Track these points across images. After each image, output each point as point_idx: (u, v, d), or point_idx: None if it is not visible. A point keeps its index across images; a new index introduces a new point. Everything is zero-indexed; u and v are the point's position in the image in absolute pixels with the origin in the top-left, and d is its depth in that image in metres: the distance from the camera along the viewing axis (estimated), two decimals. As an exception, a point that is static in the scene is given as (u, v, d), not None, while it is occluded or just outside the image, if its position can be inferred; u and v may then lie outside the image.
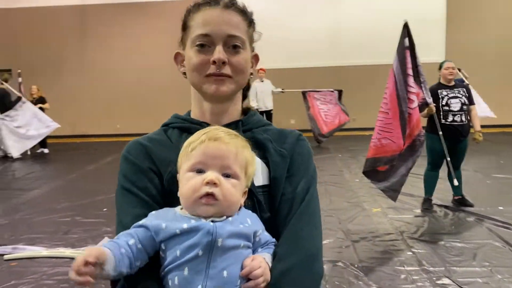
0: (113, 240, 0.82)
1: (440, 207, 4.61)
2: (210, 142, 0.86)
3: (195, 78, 0.98)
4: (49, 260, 3.47)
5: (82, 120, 12.24)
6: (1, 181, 6.77)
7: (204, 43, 0.95)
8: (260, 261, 0.84)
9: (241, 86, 1.01)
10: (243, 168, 0.88)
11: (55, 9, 11.79)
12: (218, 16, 0.95)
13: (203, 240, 0.79)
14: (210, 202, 0.83)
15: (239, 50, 0.97)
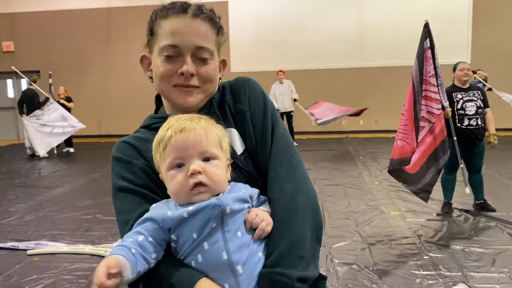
0: (121, 244, 0.82)
1: (460, 211, 4.53)
2: (177, 135, 0.87)
3: (163, 87, 0.98)
4: (69, 256, 3.58)
5: (107, 120, 12.51)
6: (28, 179, 7.00)
7: (172, 54, 0.94)
8: (254, 212, 0.89)
9: (210, 94, 1.01)
10: (218, 146, 0.90)
11: (82, 12, 12.09)
12: (187, 26, 0.94)
13: (214, 213, 0.84)
14: (201, 190, 0.86)
15: (207, 61, 0.96)
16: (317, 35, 11.47)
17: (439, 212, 4.49)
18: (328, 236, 3.83)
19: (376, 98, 11.54)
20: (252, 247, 0.86)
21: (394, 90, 11.38)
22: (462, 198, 4.82)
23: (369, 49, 11.51)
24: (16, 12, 12.33)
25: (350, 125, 11.71)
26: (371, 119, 11.67)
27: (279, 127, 1.02)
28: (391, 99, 11.43)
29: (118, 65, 12.26)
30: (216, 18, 0.99)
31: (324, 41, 11.50)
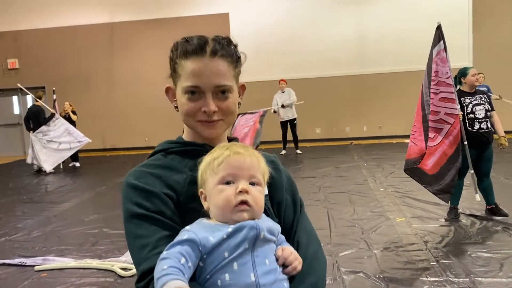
0: (173, 265, 0.82)
1: (466, 216, 4.51)
2: (235, 155, 0.95)
3: (188, 122, 1.07)
4: (77, 271, 3.60)
5: (112, 134, 12.58)
6: (35, 194, 7.04)
7: (194, 91, 1.02)
8: (290, 250, 0.97)
9: (231, 123, 1.11)
10: (263, 176, 0.98)
11: (85, 27, 12.23)
12: (206, 67, 1.00)
13: (249, 234, 0.89)
14: (245, 208, 0.92)
15: (228, 95, 1.04)
16: (317, 43, 11.52)
17: (446, 218, 4.48)
18: (334, 245, 3.83)
19: (379, 104, 11.55)
20: (278, 276, 0.92)
21: (396, 95, 11.39)
22: (468, 203, 4.80)
23: (370, 56, 11.54)
24: (20, 30, 12.50)
25: (354, 132, 11.72)
26: (375, 125, 11.68)
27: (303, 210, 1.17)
28: (394, 105, 11.43)
29: (122, 79, 12.36)
30: (232, 50, 1.05)
31: (324, 49, 11.54)
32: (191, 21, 11.77)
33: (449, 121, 4.16)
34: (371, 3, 11.44)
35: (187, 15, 11.85)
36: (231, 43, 1.06)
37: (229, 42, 1.06)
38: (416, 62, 11.29)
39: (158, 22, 11.95)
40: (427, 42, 12.01)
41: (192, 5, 11.84)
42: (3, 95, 12.90)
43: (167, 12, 11.93)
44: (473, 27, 11.07)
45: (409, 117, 11.50)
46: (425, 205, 4.98)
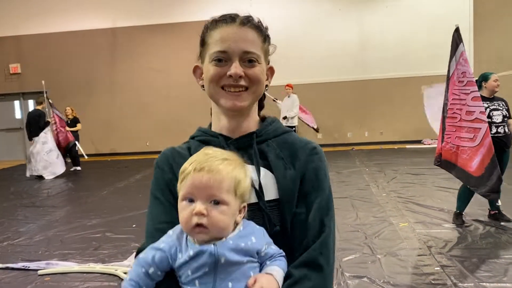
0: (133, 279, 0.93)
1: (470, 221, 4.50)
2: (195, 173, 0.91)
3: (212, 90, 1.03)
4: (80, 275, 3.59)
5: (113, 138, 12.60)
6: (37, 199, 7.04)
7: (221, 58, 1.00)
8: (260, 282, 0.89)
9: (257, 96, 1.06)
10: (231, 191, 0.92)
11: (87, 32, 12.27)
12: (235, 33, 1.00)
13: (207, 261, 0.89)
14: (201, 231, 0.90)
15: (255, 64, 1.01)
16: (319, 49, 11.56)
17: (450, 223, 4.47)
18: (338, 250, 3.82)
19: (381, 109, 11.57)
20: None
21: (398, 101, 11.42)
22: (472, 208, 4.79)
23: (371, 61, 11.58)
24: (22, 35, 12.55)
25: (356, 137, 11.73)
26: (376, 130, 11.69)
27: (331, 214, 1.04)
28: (395, 111, 11.45)
29: (123, 84, 12.39)
30: (262, 27, 1.06)
31: (326, 55, 11.58)
32: (193, 27, 11.74)
33: (484, 119, 4.14)
34: (372, 9, 11.49)
35: (189, 20, 11.90)
36: (262, 23, 1.07)
37: (260, 21, 1.07)
38: (418, 68, 11.35)
39: (159, 28, 12.00)
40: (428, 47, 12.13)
41: (193, 11, 11.88)
42: (5, 100, 12.93)
43: (169, 18, 11.99)
44: (474, 31, 11.11)
45: (410, 122, 11.58)
46: (428, 210, 4.98)
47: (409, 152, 10.13)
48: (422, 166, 7.88)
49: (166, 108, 12.12)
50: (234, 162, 0.95)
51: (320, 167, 1.05)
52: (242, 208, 0.95)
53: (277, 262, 0.95)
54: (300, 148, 1.06)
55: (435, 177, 6.81)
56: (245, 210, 0.96)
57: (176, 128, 11.77)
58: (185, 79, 11.91)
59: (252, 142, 1.04)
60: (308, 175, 1.03)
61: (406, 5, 11.36)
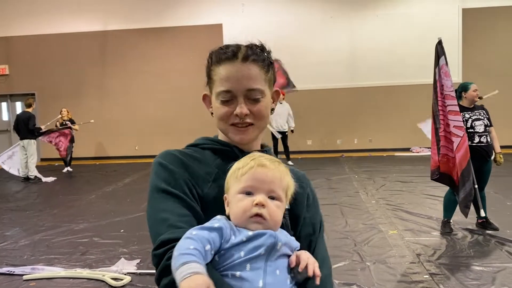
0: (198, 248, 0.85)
1: (458, 229, 4.54)
2: (258, 168, 0.96)
3: (221, 126, 1.09)
4: (66, 281, 3.54)
5: (102, 142, 12.49)
6: (23, 202, 6.93)
7: (227, 98, 1.05)
8: (305, 253, 0.97)
9: (263, 128, 1.12)
10: (285, 191, 0.99)
11: (78, 35, 12.18)
12: (237, 72, 1.04)
13: (267, 241, 0.91)
14: (259, 221, 0.94)
15: (260, 99, 1.06)
16: (310, 56, 11.62)
17: (438, 231, 4.50)
18: (327, 256, 3.81)
19: (370, 117, 11.65)
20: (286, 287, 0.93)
21: (387, 109, 11.52)
22: (460, 217, 4.82)
23: (362, 69, 11.67)
24: (11, 36, 12.41)
25: (345, 144, 11.78)
26: (366, 138, 11.76)
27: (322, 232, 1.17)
28: (384, 118, 11.55)
29: (114, 88, 12.31)
30: (264, 56, 1.09)
31: (317, 62, 11.64)
32: (185, 31, 11.81)
33: (458, 134, 4.21)
34: (363, 17, 11.61)
35: (180, 25, 11.89)
36: (264, 49, 1.10)
37: (262, 48, 1.10)
38: (407, 76, 11.47)
39: (151, 32, 11.97)
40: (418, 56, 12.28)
41: (186, 16, 11.88)
42: (-8, 101, 12.76)
43: (161, 22, 11.97)
44: (463, 43, 11.28)
45: (399, 130, 11.69)
46: (417, 218, 5.01)
47: (398, 159, 10.20)
48: (411, 174, 7.94)
49: (155, 112, 12.06)
50: (286, 168, 1.02)
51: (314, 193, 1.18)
52: (285, 211, 1.02)
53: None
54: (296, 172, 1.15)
55: (423, 185, 6.86)
56: (286, 214, 1.03)
57: (166, 133, 11.71)
58: (176, 84, 11.89)
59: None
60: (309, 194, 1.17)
61: (397, 14, 11.49)
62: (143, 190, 7.28)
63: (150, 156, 11.84)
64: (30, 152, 8.99)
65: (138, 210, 5.83)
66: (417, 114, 11.16)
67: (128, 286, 3.38)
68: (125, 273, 3.59)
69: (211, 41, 11.87)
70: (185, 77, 11.50)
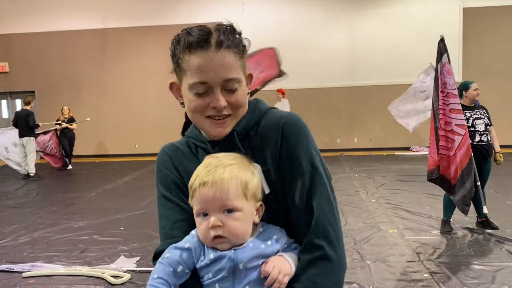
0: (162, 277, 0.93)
1: (458, 228, 4.54)
2: (200, 189, 0.92)
3: (196, 119, 1.01)
4: (66, 278, 3.53)
5: (102, 140, 12.48)
6: (23, 199, 6.92)
7: (202, 90, 0.96)
8: (272, 263, 0.92)
9: (240, 117, 1.03)
10: (240, 197, 0.93)
11: (78, 32, 12.17)
12: (212, 61, 0.94)
13: (226, 266, 0.92)
14: (221, 241, 0.93)
15: (237, 88, 0.98)
16: (310, 54, 11.61)
17: (438, 229, 4.49)
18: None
19: (370, 116, 11.65)
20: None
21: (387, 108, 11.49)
22: (460, 216, 4.82)
23: (361, 68, 11.67)
24: (11, 33, 12.40)
25: (345, 144, 11.78)
26: (365, 137, 11.76)
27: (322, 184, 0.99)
28: (384, 117, 11.52)
29: (113, 85, 12.29)
30: (237, 40, 0.99)
31: (316, 61, 11.64)
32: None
33: (460, 132, 4.20)
34: (363, 16, 11.60)
35: (180, 23, 11.86)
36: (235, 31, 1.00)
37: (233, 30, 1.00)
38: (407, 75, 11.43)
39: (150, 30, 11.95)
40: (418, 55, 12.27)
41: (185, 14, 11.86)
42: (-8, 99, 12.75)
43: (160, 20, 11.95)
44: (463, 42, 11.27)
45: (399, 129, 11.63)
46: (417, 217, 5.01)
47: (398, 158, 10.20)
48: (410, 173, 7.94)
49: (155, 110, 12.05)
50: (238, 165, 0.95)
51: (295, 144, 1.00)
52: (259, 207, 0.97)
53: (290, 251, 0.98)
54: (270, 128, 1.03)
55: (423, 184, 6.83)
56: (262, 209, 0.98)
57: (165, 131, 11.70)
58: (176, 82, 11.88)
59: (236, 142, 1.01)
60: (282, 159, 1.00)
61: (397, 13, 11.48)
62: (143, 188, 7.28)
63: (150, 154, 11.83)
64: (29, 150, 8.98)
65: (138, 208, 5.82)
66: (417, 113, 11.18)
67: (128, 284, 3.38)
68: (125, 270, 3.59)
69: (211, 39, 11.87)
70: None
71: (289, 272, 0.92)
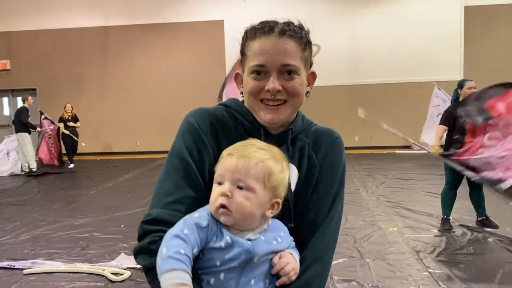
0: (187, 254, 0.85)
1: (458, 227, 4.54)
2: (227, 157, 0.93)
3: (251, 102, 1.03)
4: (66, 275, 3.54)
5: (103, 138, 12.49)
6: (24, 197, 6.94)
7: (260, 71, 0.99)
8: (288, 257, 0.94)
9: (297, 108, 1.05)
10: (259, 181, 0.91)
11: (79, 30, 12.18)
12: (273, 46, 0.98)
13: (241, 257, 0.89)
14: (225, 212, 0.90)
15: (294, 76, 1.00)
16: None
17: (438, 228, 4.50)
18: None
19: (371, 115, 11.62)
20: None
21: (388, 107, 11.50)
22: (460, 214, 4.84)
23: (362, 67, 11.66)
24: (13, 31, 12.40)
25: (345, 142, 11.36)
26: (366, 135, 11.75)
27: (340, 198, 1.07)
28: (385, 116, 11.51)
29: (114, 83, 12.30)
30: (303, 34, 1.03)
31: (318, 59, 11.40)
32: (186, 28, 11.79)
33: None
34: (364, 14, 11.58)
35: (182, 21, 11.87)
36: (303, 28, 1.04)
37: (301, 26, 1.04)
38: (408, 74, 11.46)
39: (152, 28, 11.95)
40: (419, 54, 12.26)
41: (187, 12, 11.86)
42: (-7, 96, 12.78)
43: (162, 18, 11.94)
44: (465, 41, 11.25)
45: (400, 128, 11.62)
46: (417, 215, 5.01)
47: (398, 157, 10.20)
48: (411, 171, 7.95)
49: (156, 108, 12.05)
50: (271, 153, 0.95)
51: (337, 159, 1.09)
52: (275, 204, 0.95)
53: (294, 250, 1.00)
54: (323, 136, 1.10)
55: (423, 182, 6.87)
56: (278, 207, 0.96)
57: (167, 129, 11.69)
58: (177, 80, 11.88)
59: (288, 140, 1.05)
60: (325, 167, 1.06)
61: (399, 12, 11.45)
62: (143, 186, 7.29)
63: (151, 152, 11.85)
64: (23, 145, 9.01)
65: (139, 205, 5.83)
66: (418, 112, 11.16)
67: (128, 281, 3.39)
68: (125, 268, 3.60)
69: (212, 37, 11.87)
70: (186, 73, 11.50)
71: (297, 271, 0.96)
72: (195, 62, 11.86)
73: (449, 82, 8.33)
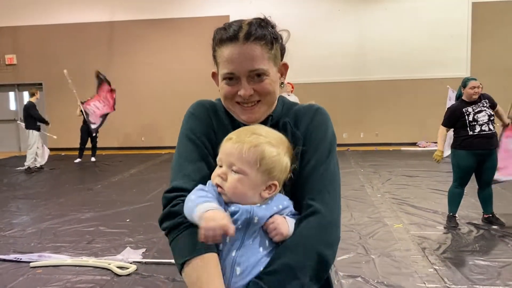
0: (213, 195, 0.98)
1: (464, 224, 4.52)
2: (226, 142, 1.03)
3: (228, 104, 1.12)
4: (73, 268, 3.57)
5: (108, 133, 12.51)
6: (30, 191, 6.99)
7: (231, 79, 1.07)
8: (277, 219, 0.99)
9: (272, 103, 1.12)
10: (252, 164, 0.99)
11: (85, 25, 12.19)
12: (239, 54, 1.04)
13: (241, 217, 0.97)
14: (221, 191, 1.00)
15: (263, 78, 1.06)
16: (318, 48, 11.56)
17: (443, 225, 4.48)
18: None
19: (377, 111, 11.60)
20: (261, 259, 0.97)
21: (394, 103, 11.45)
22: (466, 211, 4.82)
23: (370, 62, 11.60)
24: (19, 26, 12.44)
25: (351, 138, 11.73)
26: (372, 132, 11.71)
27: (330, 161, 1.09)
28: (391, 112, 11.48)
29: (120, 78, 12.28)
30: (267, 32, 1.07)
31: (325, 55, 11.59)
32: (192, 23, 11.77)
33: None
34: (371, 10, 11.51)
35: (187, 16, 11.86)
36: (268, 25, 1.09)
37: (266, 23, 1.09)
38: (414, 71, 11.39)
39: (158, 23, 11.95)
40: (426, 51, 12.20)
41: (193, 7, 11.85)
42: (0, 91, 12.82)
43: (168, 13, 11.94)
44: (472, 37, 11.16)
45: (406, 125, 11.62)
46: (423, 212, 5.00)
47: (404, 154, 10.16)
48: (417, 168, 7.91)
49: (162, 104, 12.07)
50: (266, 138, 1.01)
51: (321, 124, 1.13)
52: (272, 185, 1.01)
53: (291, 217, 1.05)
54: (303, 113, 1.15)
55: (429, 179, 6.85)
56: (276, 189, 1.02)
57: (172, 124, 11.72)
58: (182, 75, 11.88)
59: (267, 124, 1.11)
60: (309, 135, 1.11)
61: (405, 8, 11.38)
62: (149, 181, 7.32)
63: (156, 147, 11.88)
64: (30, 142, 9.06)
65: (144, 200, 5.86)
66: (424, 109, 11.11)
67: (134, 275, 3.41)
68: (131, 262, 3.62)
69: (218, 32, 11.83)
70: (192, 68, 11.49)
71: (283, 232, 0.98)
72: (200, 57, 11.84)
73: (456, 79, 8.24)
